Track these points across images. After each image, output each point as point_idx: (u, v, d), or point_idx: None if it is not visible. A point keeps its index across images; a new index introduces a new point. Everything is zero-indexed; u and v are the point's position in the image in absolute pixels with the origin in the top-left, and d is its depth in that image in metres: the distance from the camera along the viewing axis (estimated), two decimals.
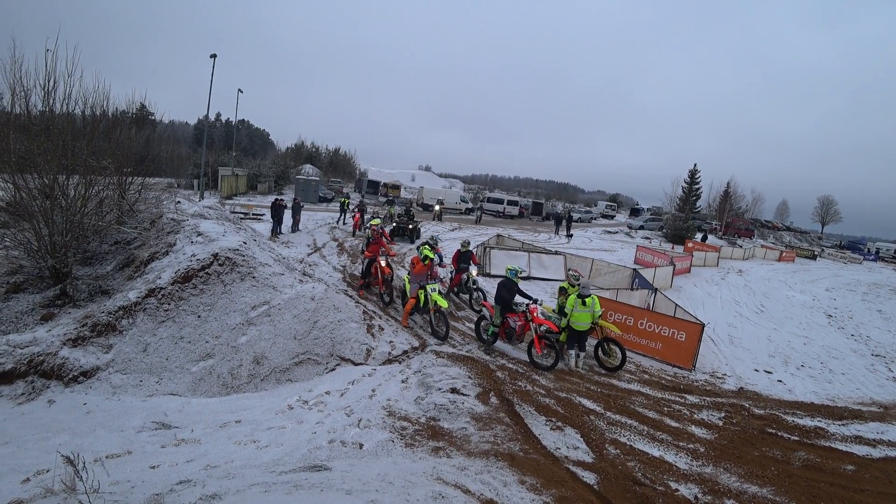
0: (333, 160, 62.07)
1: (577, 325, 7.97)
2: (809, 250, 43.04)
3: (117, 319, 7.09)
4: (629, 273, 15.21)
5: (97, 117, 10.00)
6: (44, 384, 6.06)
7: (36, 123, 8.61)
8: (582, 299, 7.95)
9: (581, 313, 7.94)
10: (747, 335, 11.85)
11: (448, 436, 5.24)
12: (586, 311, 7.95)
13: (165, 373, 6.68)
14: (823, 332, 13.40)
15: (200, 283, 7.96)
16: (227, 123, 65.38)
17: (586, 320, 7.96)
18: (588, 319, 7.96)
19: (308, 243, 16.62)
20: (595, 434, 5.72)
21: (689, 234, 35.88)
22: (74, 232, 8.78)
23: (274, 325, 7.56)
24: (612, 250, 25.94)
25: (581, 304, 7.94)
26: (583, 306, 7.94)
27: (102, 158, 9.68)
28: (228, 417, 5.65)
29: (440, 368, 6.94)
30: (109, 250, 10.55)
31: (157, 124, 28.16)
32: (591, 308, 7.96)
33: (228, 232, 9.81)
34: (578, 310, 7.94)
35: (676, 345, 8.96)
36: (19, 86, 8.28)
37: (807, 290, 21.18)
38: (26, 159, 8.37)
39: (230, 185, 32.41)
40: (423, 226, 25.93)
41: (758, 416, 6.85)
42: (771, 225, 65.03)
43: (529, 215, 45.02)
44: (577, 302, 7.97)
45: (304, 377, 7.04)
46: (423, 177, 71.74)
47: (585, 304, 7.94)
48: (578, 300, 7.96)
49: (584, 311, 7.94)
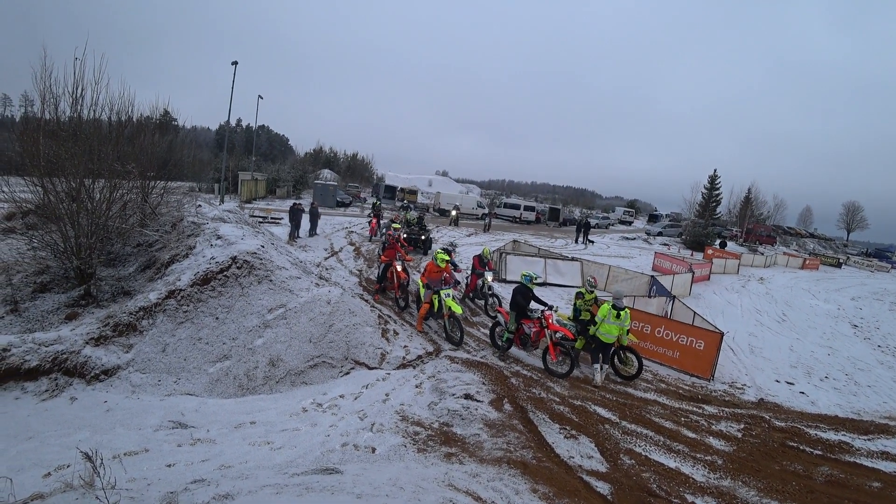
0: (351, 165, 62.79)
1: (605, 336, 7.73)
2: (834, 258, 41.80)
3: (138, 320, 7.25)
4: (647, 280, 14.99)
5: (122, 123, 10.28)
6: (67, 381, 6.21)
7: (64, 129, 8.89)
8: (617, 311, 7.71)
9: (612, 325, 7.69)
10: (768, 345, 11.56)
11: (461, 442, 5.22)
12: (617, 324, 7.69)
13: (183, 373, 6.80)
14: (848, 343, 13.00)
15: (219, 285, 8.09)
16: (247, 129, 66.65)
17: (614, 333, 7.71)
18: (616, 332, 7.72)
19: (325, 247, 16.79)
20: (610, 443, 5.63)
21: (708, 240, 35.24)
22: (99, 234, 9.01)
23: (290, 328, 7.64)
24: (630, 257, 25.59)
25: (615, 317, 7.69)
26: (616, 319, 7.69)
27: (127, 163, 9.94)
28: (243, 418, 5.71)
29: (454, 374, 6.93)
30: (132, 252, 10.80)
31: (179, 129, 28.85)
32: (622, 321, 7.71)
33: (247, 235, 9.97)
34: (610, 321, 7.69)
35: (695, 354, 8.79)
36: (49, 93, 8.56)
37: (831, 299, 20.58)
38: (55, 163, 8.63)
39: (250, 190, 32.99)
40: (440, 231, 26.01)
41: (779, 429, 6.67)
42: (794, 231, 63.47)
43: (546, 221, 44.75)
44: (610, 312, 7.71)
45: (319, 380, 7.09)
46: (440, 182, 72.00)
47: (619, 318, 7.69)
48: (613, 311, 7.71)
49: (615, 324, 7.69)
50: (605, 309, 7.75)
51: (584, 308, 8.68)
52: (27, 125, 9.79)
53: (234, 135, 60.12)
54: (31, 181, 8.70)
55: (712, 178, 55.78)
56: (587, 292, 8.81)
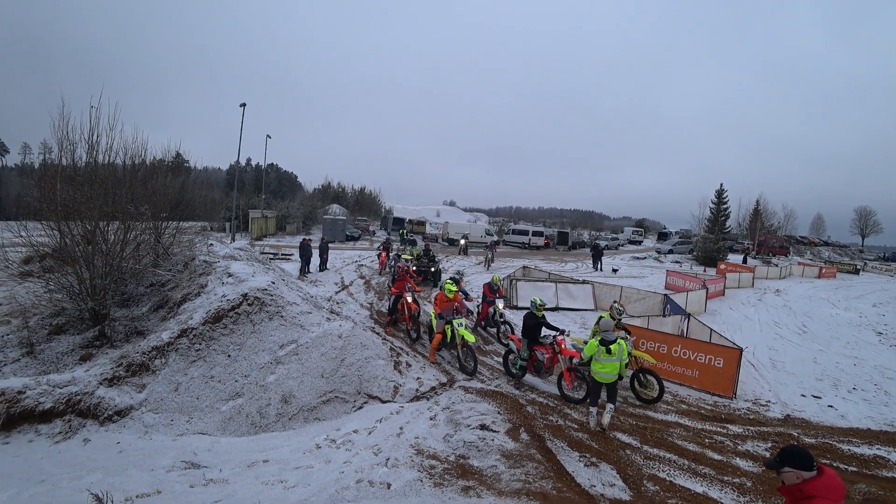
0: (359, 199, 63.66)
1: (601, 376, 6.40)
2: (851, 265, 41.10)
3: (151, 359, 7.28)
4: (660, 299, 14.78)
5: (136, 166, 10.61)
6: (80, 423, 6.21)
7: (81, 174, 9.19)
8: (606, 346, 6.34)
9: (604, 363, 6.36)
10: (790, 358, 11.24)
11: (478, 474, 5.08)
12: (611, 360, 6.35)
13: (196, 412, 6.76)
14: (874, 351, 12.61)
15: (230, 322, 8.13)
16: (257, 168, 68.13)
17: (612, 371, 6.36)
18: (615, 370, 6.38)
19: (336, 281, 16.87)
20: (632, 469, 5.44)
21: (720, 255, 34.84)
22: (113, 275, 9.17)
23: (302, 364, 7.61)
24: (642, 276, 25.36)
25: (605, 353, 6.34)
26: (607, 354, 6.34)
27: (140, 204, 10.20)
28: (256, 457, 5.64)
29: (469, 404, 6.81)
30: (145, 292, 10.94)
31: (191, 171, 29.61)
32: (618, 356, 6.38)
33: (258, 272, 10.07)
34: (602, 359, 6.36)
35: (714, 372, 8.57)
36: (66, 140, 8.92)
37: (852, 307, 20.10)
38: (71, 207, 8.89)
39: (260, 227, 33.52)
40: (450, 260, 26.08)
41: (809, 446, 6.41)
42: (807, 240, 62.69)
43: (555, 245, 44.70)
44: (599, 349, 6.37)
45: (332, 416, 7.00)
46: (448, 212, 72.73)
47: (611, 353, 6.33)
48: (601, 348, 6.35)
49: (610, 361, 6.35)
50: (593, 346, 6.46)
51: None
52: (45, 171, 10.16)
53: (243, 174, 61.49)
54: (48, 225, 8.93)
55: (719, 192, 55.67)
56: (612, 318, 8.05)
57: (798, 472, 2.72)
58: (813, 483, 2.68)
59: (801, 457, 2.73)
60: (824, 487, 2.65)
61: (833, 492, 2.63)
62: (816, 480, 2.68)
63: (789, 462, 2.75)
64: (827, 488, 2.64)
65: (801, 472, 2.71)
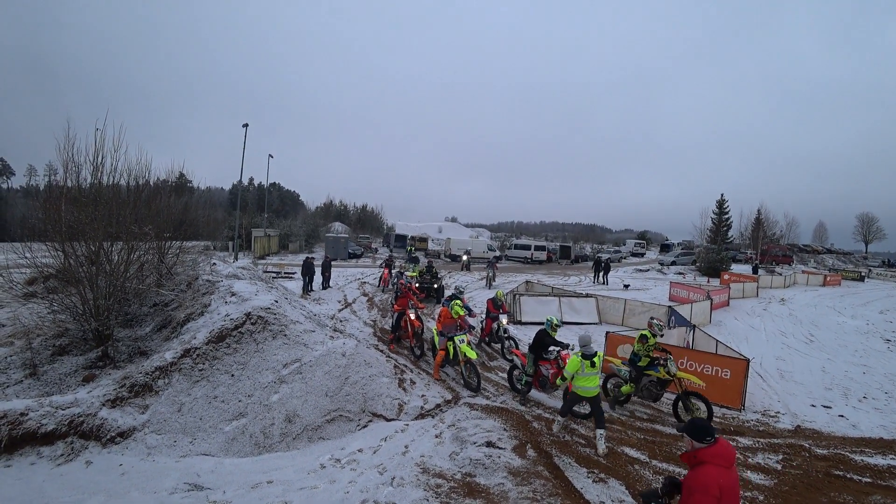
0: (361, 217, 64.03)
1: (583, 390, 6.52)
2: (856, 272, 40.91)
3: (154, 380, 7.24)
4: (664, 311, 14.69)
5: (140, 187, 10.70)
6: (82, 445, 6.14)
7: (85, 195, 9.26)
8: (589, 360, 6.51)
9: (588, 377, 6.49)
10: (798, 368, 11.12)
11: (485, 492, 5.01)
12: (594, 374, 6.52)
13: (199, 433, 6.70)
14: (883, 359, 12.46)
15: (234, 342, 8.11)
16: (259, 187, 68.65)
17: (595, 383, 6.53)
18: (597, 382, 6.55)
19: (339, 299, 16.85)
20: (641, 485, 5.35)
21: (723, 265, 34.74)
22: (117, 295, 9.18)
23: (305, 383, 7.56)
24: (645, 289, 25.26)
25: (589, 366, 6.48)
26: (591, 368, 6.49)
27: (144, 225, 10.26)
28: (260, 478, 5.57)
29: (474, 421, 6.73)
30: (148, 312, 10.94)
31: (194, 191, 29.83)
32: (599, 369, 6.63)
33: (261, 291, 10.07)
34: (585, 373, 6.48)
35: (721, 383, 8.47)
36: (71, 162, 9.00)
37: (858, 315, 19.94)
38: (75, 228, 8.94)
39: (263, 246, 33.66)
40: (452, 276, 26.07)
41: (821, 457, 6.30)
42: (810, 249, 62.57)
43: (558, 259, 44.66)
44: (582, 364, 6.48)
45: (337, 435, 6.93)
46: (450, 228, 72.84)
47: (594, 366, 6.51)
48: (585, 362, 6.48)
49: (593, 374, 6.51)
50: (575, 362, 6.53)
51: (644, 354, 7.76)
52: (50, 193, 10.24)
53: (246, 193, 61.88)
54: (52, 246, 8.97)
55: (720, 202, 55.78)
56: (651, 336, 7.78)
57: (692, 441, 3.15)
58: (704, 450, 3.09)
59: (698, 429, 3.15)
60: (713, 454, 3.06)
61: (721, 458, 3.05)
62: (708, 448, 3.08)
63: (688, 432, 3.17)
64: (715, 455, 3.06)
65: (694, 441, 3.14)
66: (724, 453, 3.07)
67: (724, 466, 3.03)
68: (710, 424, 3.17)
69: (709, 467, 3.03)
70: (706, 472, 3.01)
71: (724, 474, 3.00)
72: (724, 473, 3.00)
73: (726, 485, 2.97)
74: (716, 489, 2.93)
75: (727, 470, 3.03)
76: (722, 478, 2.98)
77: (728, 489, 2.97)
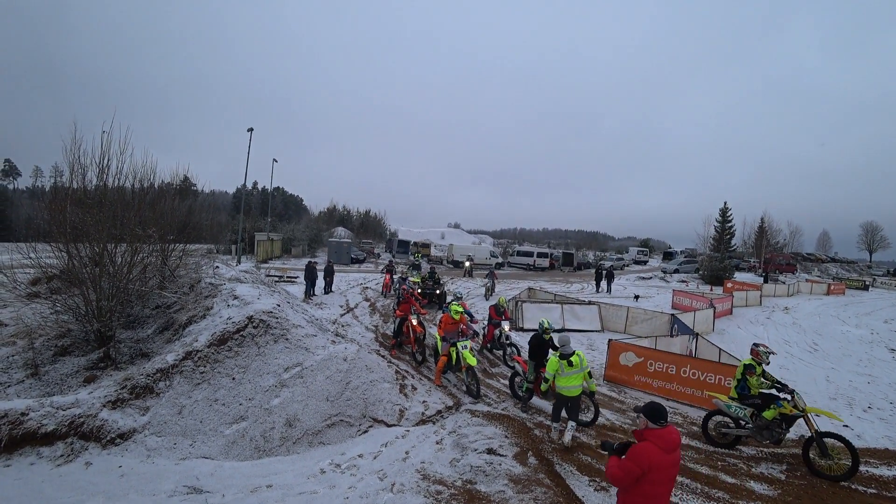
0: (364, 222, 64.16)
1: (566, 390, 6.54)
2: (860, 280, 40.74)
3: (155, 382, 7.23)
4: (667, 319, 14.63)
5: (145, 189, 10.74)
6: (82, 446, 6.13)
7: (90, 197, 9.30)
8: (567, 359, 6.56)
9: (569, 377, 6.52)
10: (802, 377, 11.02)
11: (485, 500, 4.97)
12: (575, 373, 6.54)
13: (199, 435, 6.68)
14: (888, 369, 12.36)
15: (235, 345, 8.10)
16: (263, 191, 69.00)
17: (577, 382, 6.53)
18: (579, 381, 6.55)
19: (341, 304, 16.85)
20: None
21: (727, 274, 34.61)
22: (120, 297, 9.20)
23: (307, 387, 7.54)
24: (648, 297, 25.17)
25: (567, 366, 6.53)
26: (569, 367, 6.53)
27: (148, 227, 10.29)
28: (260, 482, 5.54)
29: (475, 428, 6.70)
30: (150, 314, 10.95)
31: (198, 194, 29.96)
32: (579, 367, 6.57)
33: (263, 295, 10.07)
34: (565, 373, 6.53)
35: (725, 392, 8.39)
36: (77, 164, 9.04)
37: (863, 324, 19.82)
38: (80, 229, 8.98)
39: (266, 250, 33.72)
40: (455, 282, 26.05)
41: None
42: (814, 257, 62.38)
43: (560, 266, 44.63)
44: (560, 364, 6.57)
45: (337, 439, 6.90)
46: (453, 234, 72.81)
47: (572, 364, 6.54)
48: (562, 362, 6.56)
49: (573, 374, 6.53)
50: (554, 363, 6.66)
51: (757, 386, 6.82)
52: (56, 194, 10.29)
53: (250, 197, 62.19)
54: (56, 247, 9.00)
55: (723, 210, 55.69)
56: (757, 364, 6.91)
57: (646, 421, 3.46)
58: (652, 431, 3.41)
59: (654, 411, 3.45)
60: (657, 435, 3.38)
61: (662, 441, 3.35)
62: (655, 430, 3.41)
63: (645, 412, 3.48)
64: (659, 437, 3.37)
65: (647, 420, 3.45)
66: (667, 437, 3.37)
67: (663, 449, 3.33)
68: (665, 410, 3.47)
69: (648, 444, 3.35)
70: (644, 447, 3.35)
71: (659, 455, 3.31)
72: (660, 454, 3.31)
73: (658, 464, 3.30)
74: (645, 464, 3.27)
75: (665, 452, 3.33)
76: (656, 457, 3.30)
77: (660, 469, 3.31)
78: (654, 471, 3.28)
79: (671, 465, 3.37)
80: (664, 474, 3.35)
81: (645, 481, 3.31)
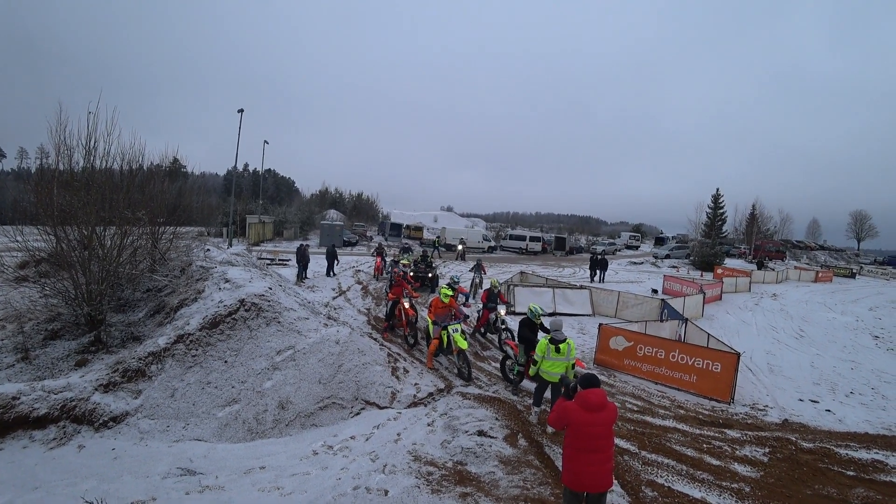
0: (357, 205, 63.78)
1: (549, 375, 6.73)
2: (847, 269, 41.34)
3: (147, 365, 7.24)
4: (657, 304, 14.79)
5: (133, 171, 10.58)
6: (75, 429, 6.15)
7: (77, 179, 9.14)
8: (556, 345, 6.66)
9: (553, 362, 6.67)
10: (788, 363, 11.26)
11: (476, 480, 5.06)
12: (561, 360, 6.66)
13: (192, 418, 6.71)
14: (871, 355, 12.65)
15: (227, 328, 8.10)
16: (254, 173, 68.16)
17: (559, 370, 6.69)
18: (562, 369, 6.69)
19: (333, 287, 16.82)
20: (630, 475, 5.43)
21: (717, 260, 34.94)
22: (110, 280, 9.12)
23: (299, 370, 7.57)
24: (639, 281, 25.39)
25: (554, 351, 6.65)
26: (556, 353, 6.64)
27: (137, 210, 10.17)
28: (253, 463, 5.60)
29: (466, 410, 6.79)
30: (141, 297, 10.89)
31: (188, 176, 29.57)
32: (566, 356, 6.70)
33: (255, 278, 10.04)
34: (551, 357, 6.67)
35: (712, 377, 8.57)
36: (63, 146, 8.86)
37: (848, 311, 20.20)
38: (67, 212, 8.84)
39: (257, 232, 33.47)
40: (447, 265, 26.08)
41: (807, 451, 6.40)
42: (803, 245, 63.06)
43: (553, 251, 44.77)
44: (549, 348, 6.68)
45: (329, 422, 6.97)
46: (445, 217, 72.35)
47: (560, 352, 6.64)
48: (551, 346, 6.66)
49: (559, 360, 6.66)
50: (542, 345, 6.75)
51: None
52: (42, 176, 10.10)
53: (241, 179, 61.45)
54: (44, 230, 8.88)
55: (715, 197, 55.94)
56: None
57: (578, 386, 4.02)
58: (580, 392, 3.91)
59: (585, 378, 4.00)
60: (581, 397, 3.86)
61: (583, 401, 3.83)
62: (581, 392, 3.90)
63: (580, 380, 4.01)
64: (581, 398, 3.86)
65: (580, 386, 3.99)
66: (588, 399, 3.82)
67: (583, 408, 3.79)
68: (595, 378, 3.98)
69: (572, 403, 3.89)
70: (568, 405, 3.91)
71: (579, 413, 3.80)
72: (581, 413, 3.80)
73: (579, 421, 3.78)
74: (565, 419, 3.87)
75: (586, 412, 3.79)
76: (575, 414, 3.81)
77: (581, 426, 3.78)
78: (576, 425, 3.79)
79: (594, 423, 3.77)
80: (588, 430, 3.76)
81: (571, 434, 3.83)
